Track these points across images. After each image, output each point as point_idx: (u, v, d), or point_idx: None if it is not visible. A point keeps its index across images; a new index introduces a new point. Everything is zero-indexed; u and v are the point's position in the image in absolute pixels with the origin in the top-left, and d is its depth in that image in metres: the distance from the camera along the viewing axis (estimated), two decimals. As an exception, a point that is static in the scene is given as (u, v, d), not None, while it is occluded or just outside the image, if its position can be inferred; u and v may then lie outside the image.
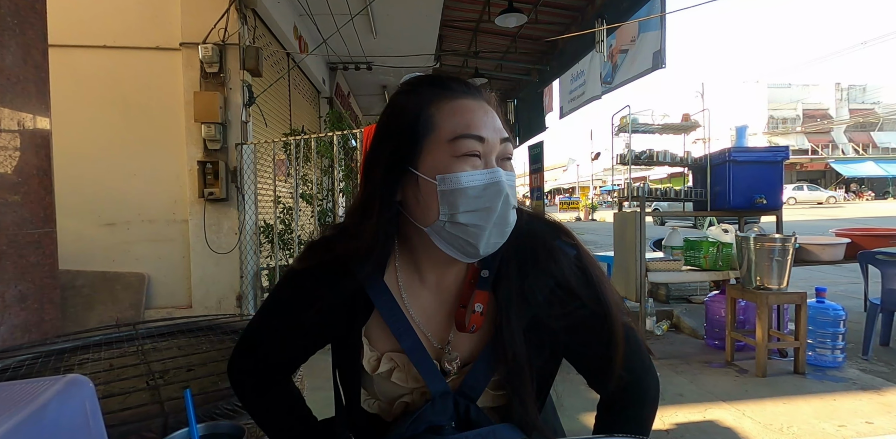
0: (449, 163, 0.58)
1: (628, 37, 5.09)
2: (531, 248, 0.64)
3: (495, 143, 0.59)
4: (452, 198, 0.57)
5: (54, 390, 0.41)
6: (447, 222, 0.58)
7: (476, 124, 0.58)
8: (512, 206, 0.60)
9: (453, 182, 0.57)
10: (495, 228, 0.59)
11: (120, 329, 1.55)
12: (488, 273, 0.64)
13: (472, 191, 0.57)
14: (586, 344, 0.64)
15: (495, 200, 0.57)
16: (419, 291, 0.66)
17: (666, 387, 2.52)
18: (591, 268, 0.65)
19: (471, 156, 0.58)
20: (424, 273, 0.66)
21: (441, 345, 0.65)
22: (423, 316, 0.66)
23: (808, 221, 13.65)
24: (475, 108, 0.60)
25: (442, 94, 0.60)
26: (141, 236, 3.57)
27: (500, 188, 0.58)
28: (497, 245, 0.61)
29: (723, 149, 3.09)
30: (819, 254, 3.24)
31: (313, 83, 6.01)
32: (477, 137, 0.58)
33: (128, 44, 3.53)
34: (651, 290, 4.10)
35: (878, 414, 2.15)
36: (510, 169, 0.61)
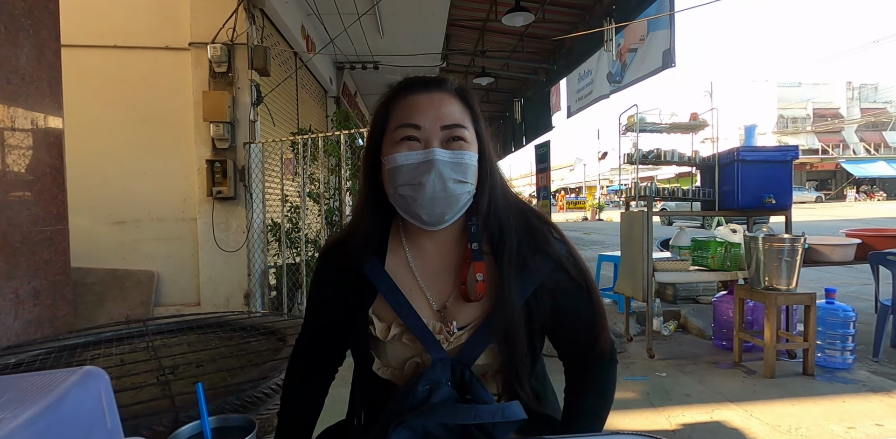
0: (392, 147, 0.71)
1: (637, 35, 5.06)
2: (528, 232, 0.76)
3: (434, 128, 0.70)
4: (393, 174, 0.71)
5: (72, 381, 0.42)
6: (395, 194, 0.72)
7: (415, 114, 0.71)
8: (451, 180, 0.69)
9: (392, 161, 0.70)
10: (434, 200, 0.69)
11: (130, 325, 1.57)
12: (477, 245, 0.74)
13: (406, 167, 0.69)
14: (576, 315, 0.77)
15: (426, 176, 0.68)
16: (422, 258, 0.77)
17: (673, 388, 2.51)
18: (578, 256, 0.79)
19: (409, 140, 0.70)
20: (422, 242, 0.78)
21: (440, 309, 0.74)
22: (426, 278, 0.76)
23: (818, 221, 13.51)
24: (422, 101, 0.72)
25: (400, 93, 0.74)
26: (150, 234, 3.60)
27: (432, 165, 0.68)
28: (446, 214, 0.71)
29: (731, 148, 3.06)
30: (829, 255, 3.21)
31: (320, 82, 6.03)
32: (413, 125, 0.70)
33: (138, 44, 3.57)
34: (658, 290, 4.08)
35: (888, 417, 2.13)
36: (458, 148, 0.71)
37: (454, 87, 0.75)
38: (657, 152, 3.14)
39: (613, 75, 5.72)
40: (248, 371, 1.14)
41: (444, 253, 0.77)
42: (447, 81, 0.75)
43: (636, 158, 3.10)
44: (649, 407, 2.30)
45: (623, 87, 5.65)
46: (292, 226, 3.84)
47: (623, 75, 5.56)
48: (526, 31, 6.38)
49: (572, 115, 7.45)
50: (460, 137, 0.72)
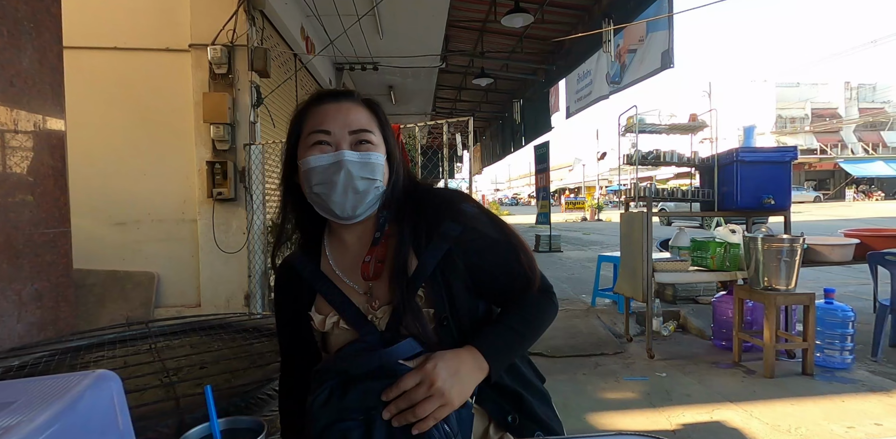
0: (306, 152, 0.79)
1: (636, 36, 5.07)
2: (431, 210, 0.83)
3: (343, 134, 0.79)
4: (308, 176, 0.78)
5: (86, 384, 0.42)
6: (311, 194, 0.80)
7: (325, 121, 0.79)
8: (359, 178, 0.78)
9: (306, 164, 0.78)
10: (344, 196, 0.78)
11: (133, 327, 1.57)
12: (380, 234, 0.83)
13: (319, 168, 0.77)
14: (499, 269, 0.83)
15: (336, 175, 0.77)
16: (343, 253, 0.86)
17: (673, 388, 2.52)
18: (491, 215, 0.87)
19: (320, 144, 0.78)
20: (343, 237, 0.86)
21: (365, 292, 0.82)
22: (345, 272, 0.84)
23: (817, 221, 13.54)
24: (331, 110, 0.80)
25: (312, 105, 0.82)
26: (151, 235, 3.60)
27: (341, 165, 0.77)
28: (357, 208, 0.79)
29: (730, 149, 3.07)
30: (828, 255, 3.22)
31: (320, 83, 6.04)
32: (323, 131, 0.79)
33: (138, 45, 3.57)
34: (658, 291, 4.09)
35: (887, 416, 2.14)
36: (365, 150, 0.79)
37: (360, 96, 0.85)
38: (656, 153, 3.15)
39: (612, 76, 5.72)
40: (251, 372, 1.15)
41: (360, 243, 0.85)
42: (354, 92, 0.85)
43: (635, 159, 3.11)
44: (649, 407, 2.30)
45: (622, 88, 5.66)
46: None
47: (622, 76, 5.57)
48: (525, 32, 6.39)
49: (571, 116, 7.46)
50: (367, 140, 0.80)
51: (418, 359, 0.72)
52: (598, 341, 3.33)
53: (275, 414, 1.07)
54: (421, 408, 0.66)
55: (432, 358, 0.71)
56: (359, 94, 0.85)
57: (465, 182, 13.25)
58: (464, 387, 0.71)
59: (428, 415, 0.66)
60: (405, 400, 0.66)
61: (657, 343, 3.25)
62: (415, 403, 0.66)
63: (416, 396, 0.66)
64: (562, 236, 9.93)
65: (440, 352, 0.73)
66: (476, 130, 14.06)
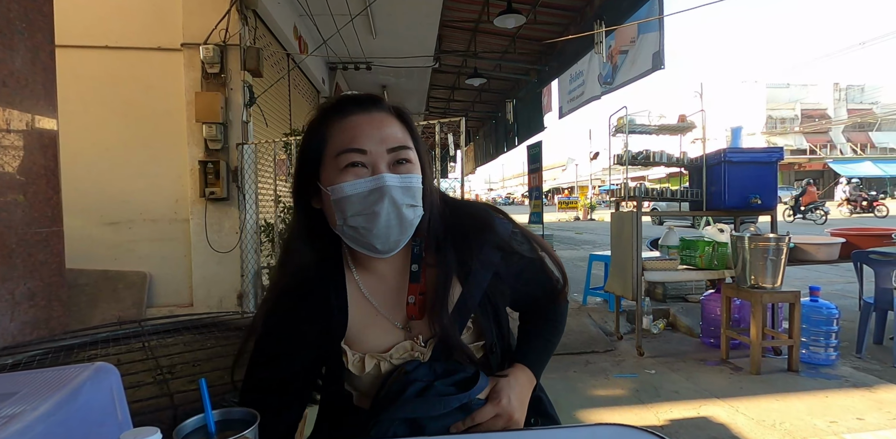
0: (335, 175, 0.66)
1: (628, 38, 5.11)
2: (462, 230, 0.76)
3: (380, 151, 0.67)
4: (341, 205, 0.66)
5: (85, 376, 0.44)
6: (344, 226, 0.68)
7: (358, 138, 0.66)
8: (405, 206, 0.67)
9: (339, 191, 0.66)
10: (388, 228, 0.67)
11: (126, 326, 1.58)
12: (417, 267, 0.74)
13: (356, 197, 0.65)
14: (533, 286, 0.84)
15: (379, 204, 0.65)
16: (374, 281, 0.76)
17: (662, 384, 2.56)
18: (525, 231, 0.84)
19: (354, 166, 0.66)
20: (371, 266, 0.76)
21: (403, 326, 0.75)
22: (383, 304, 0.75)
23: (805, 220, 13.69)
24: (362, 123, 0.68)
25: (335, 115, 0.69)
26: (143, 235, 3.60)
27: (383, 192, 0.65)
28: (400, 241, 0.69)
29: (718, 149, 3.12)
30: (814, 254, 3.28)
31: (313, 83, 6.04)
32: (358, 150, 0.66)
33: (130, 44, 3.56)
34: (648, 289, 4.14)
35: (869, 411, 2.19)
36: (406, 171, 0.68)
37: (389, 104, 0.72)
38: (646, 153, 3.19)
39: (604, 77, 5.77)
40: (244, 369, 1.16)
41: (396, 273, 0.76)
42: (382, 100, 0.73)
43: (626, 159, 3.15)
44: (638, 403, 2.34)
45: (614, 89, 5.71)
46: (286, 226, 3.85)
47: (614, 77, 5.62)
48: (518, 32, 6.42)
49: (564, 116, 7.50)
50: (407, 160, 0.69)
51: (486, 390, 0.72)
52: (588, 339, 3.37)
53: (267, 410, 1.09)
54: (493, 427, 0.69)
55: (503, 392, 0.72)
56: (387, 102, 0.73)
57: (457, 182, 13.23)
58: (525, 409, 0.75)
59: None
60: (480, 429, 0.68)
61: (647, 341, 3.29)
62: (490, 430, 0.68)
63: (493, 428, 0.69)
64: (554, 235, 9.97)
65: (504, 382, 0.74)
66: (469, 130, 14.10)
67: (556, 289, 0.86)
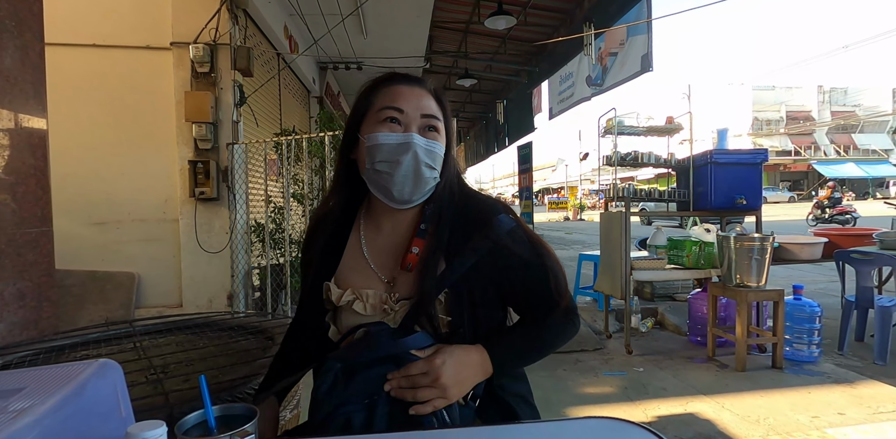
0: (374, 127, 0.79)
1: (617, 40, 5.17)
2: (469, 218, 0.83)
3: (415, 116, 0.79)
4: (372, 152, 0.78)
5: (90, 372, 0.45)
6: (370, 169, 0.79)
7: (399, 100, 0.79)
8: (424, 164, 0.78)
9: (373, 139, 0.78)
10: (406, 179, 0.77)
11: (116, 326, 1.58)
12: (426, 226, 0.83)
13: (386, 146, 0.77)
14: (527, 286, 0.83)
15: (404, 155, 0.76)
16: (375, 236, 0.87)
17: (650, 382, 2.60)
18: (529, 232, 0.86)
19: (391, 122, 0.78)
20: (381, 222, 0.87)
21: (388, 280, 0.83)
22: (374, 255, 0.85)
23: (790, 221, 13.94)
24: (405, 91, 0.80)
25: (384, 83, 0.83)
26: (131, 235, 3.56)
27: (410, 147, 0.77)
28: (413, 194, 0.79)
29: (705, 151, 3.18)
30: (798, 253, 3.35)
31: (303, 83, 6.02)
32: (396, 109, 0.78)
33: (118, 43, 3.53)
34: (637, 289, 4.19)
35: (850, 406, 2.25)
36: (432, 138, 0.80)
37: (431, 86, 0.85)
38: (634, 154, 3.23)
39: (594, 78, 5.83)
40: (238, 368, 1.17)
41: (399, 232, 0.85)
42: (426, 80, 0.85)
43: (614, 160, 3.19)
44: (627, 400, 2.38)
45: (604, 91, 5.77)
46: (276, 226, 3.84)
47: (604, 78, 5.68)
48: (508, 33, 6.46)
49: (554, 117, 7.56)
50: (434, 128, 0.81)
51: (429, 350, 0.73)
52: (578, 338, 3.40)
53: (262, 409, 1.10)
54: (421, 393, 0.68)
55: (442, 353, 0.72)
56: (431, 84, 0.85)
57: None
58: (464, 386, 0.73)
59: (427, 402, 0.68)
60: (407, 381, 0.69)
61: (635, 339, 3.34)
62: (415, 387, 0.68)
63: (417, 382, 0.69)
64: (544, 235, 10.04)
65: (451, 347, 0.73)
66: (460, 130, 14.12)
67: (551, 302, 0.83)
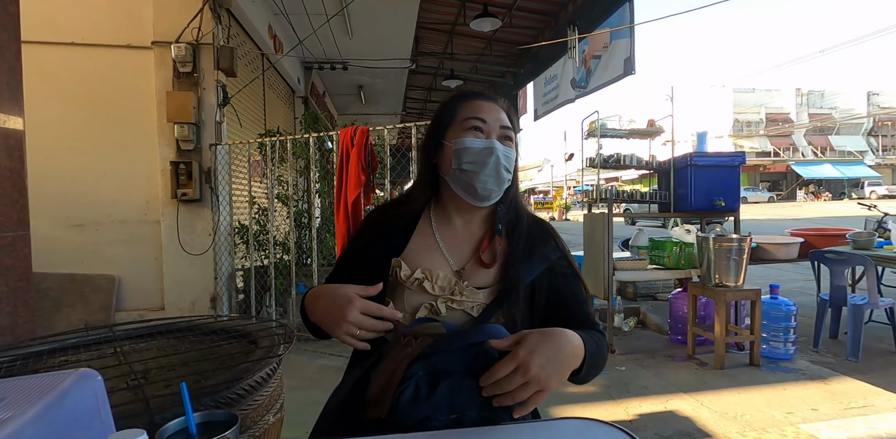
0: (461, 134, 0.89)
1: (601, 43, 5.24)
2: (538, 232, 0.94)
3: (495, 126, 0.90)
4: (460, 154, 0.88)
5: (70, 381, 0.46)
6: (456, 170, 0.88)
7: (482, 112, 0.90)
8: (503, 167, 0.88)
9: (460, 144, 0.88)
10: (489, 177, 0.87)
11: (96, 331, 1.55)
12: (501, 227, 0.93)
13: (473, 149, 0.87)
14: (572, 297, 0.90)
15: (488, 157, 0.87)
16: (448, 230, 0.94)
17: (632, 380, 2.65)
18: (572, 258, 0.96)
19: (475, 130, 0.89)
20: (453, 218, 0.95)
21: (458, 269, 0.90)
22: (448, 245, 0.92)
23: (768, 221, 14.24)
24: (486, 105, 0.91)
25: (467, 97, 0.94)
26: (111, 237, 3.50)
27: (492, 151, 0.87)
28: (494, 192, 0.88)
29: (685, 153, 3.24)
30: (775, 253, 3.44)
31: (288, 83, 5.97)
32: (479, 119, 0.89)
33: (98, 41, 3.47)
34: (620, 288, 4.26)
35: (823, 402, 2.32)
36: (509, 146, 0.91)
37: (504, 105, 0.95)
38: (617, 156, 3.28)
39: (578, 81, 5.89)
40: (221, 373, 1.16)
41: (470, 229, 0.94)
42: (500, 98, 0.96)
43: (597, 162, 3.23)
44: (609, 399, 2.42)
45: (588, 93, 5.83)
46: (260, 228, 3.81)
47: (588, 81, 5.74)
48: (494, 35, 6.49)
49: (539, 118, 7.62)
50: (510, 138, 0.92)
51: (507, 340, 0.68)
52: (562, 338, 3.44)
53: (243, 414, 1.10)
54: (518, 393, 0.63)
55: (524, 343, 0.65)
56: (504, 102, 0.95)
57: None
58: (563, 371, 0.67)
59: (528, 400, 0.64)
60: (499, 387, 0.64)
61: (618, 338, 3.39)
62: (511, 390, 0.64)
63: (510, 385, 0.64)
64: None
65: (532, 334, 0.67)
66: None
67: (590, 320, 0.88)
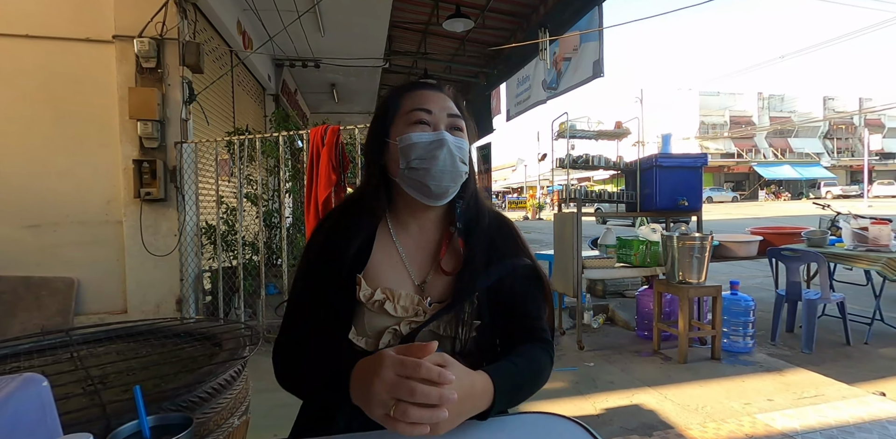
0: (405, 129, 0.80)
1: (571, 46, 5.34)
2: (499, 230, 0.88)
3: (442, 116, 0.82)
4: (407, 152, 0.79)
5: (12, 387, 0.45)
6: (405, 169, 0.79)
7: (426, 102, 0.82)
8: (458, 159, 0.80)
9: (407, 140, 0.79)
10: (442, 173, 0.78)
11: (51, 336, 1.50)
12: (460, 224, 0.85)
13: (420, 145, 0.79)
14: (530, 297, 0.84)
15: (438, 151, 0.78)
16: (406, 236, 0.86)
17: (599, 376, 2.71)
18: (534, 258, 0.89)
19: (421, 123, 0.80)
20: (408, 223, 0.86)
21: (420, 283, 0.83)
22: (409, 255, 0.85)
23: (731, 220, 14.75)
24: (429, 94, 0.83)
25: (408, 88, 0.86)
26: (70, 238, 3.37)
27: (442, 143, 0.79)
28: (450, 188, 0.80)
29: (651, 154, 3.34)
30: (736, 251, 3.58)
31: (258, 80, 5.86)
32: (425, 110, 0.81)
33: (54, 34, 3.32)
34: (590, 286, 4.35)
35: (778, 393, 2.43)
36: (460, 136, 0.83)
37: (451, 93, 0.88)
38: (586, 157, 3.35)
39: (549, 82, 5.99)
40: (182, 377, 1.14)
41: (427, 232, 0.86)
42: (447, 86, 0.89)
43: (567, 163, 3.30)
44: (577, 394, 2.47)
45: (559, 94, 5.93)
46: (228, 228, 3.73)
47: (559, 82, 5.84)
48: (467, 36, 6.52)
49: (512, 119, 7.70)
50: (460, 128, 0.84)
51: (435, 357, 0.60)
52: (533, 335, 3.49)
53: (206, 417, 1.08)
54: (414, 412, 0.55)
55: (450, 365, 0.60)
56: (450, 90, 0.88)
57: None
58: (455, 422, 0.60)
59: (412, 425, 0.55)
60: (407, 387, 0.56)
61: (587, 335, 3.47)
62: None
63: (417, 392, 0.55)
64: (504, 235, 10.19)
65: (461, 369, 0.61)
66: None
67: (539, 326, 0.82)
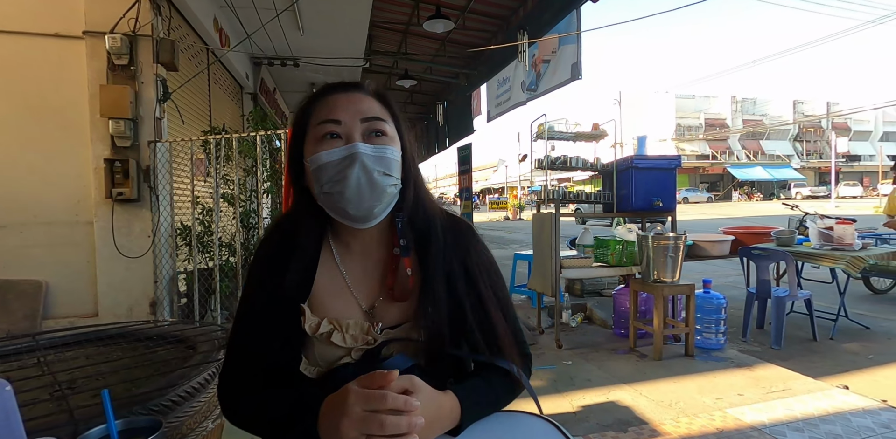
0: (314, 147, 0.70)
1: (550, 48, 5.40)
2: (454, 229, 0.79)
3: (354, 123, 0.70)
4: (318, 174, 0.69)
5: (-28, 392, 0.44)
6: (321, 194, 0.71)
7: (335, 111, 0.71)
8: (376, 172, 0.69)
9: (316, 160, 0.69)
10: (359, 194, 0.68)
11: (17, 340, 1.45)
12: (405, 241, 0.76)
13: (331, 164, 0.68)
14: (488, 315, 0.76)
15: (349, 170, 0.68)
16: (349, 258, 0.77)
17: (577, 374, 2.75)
18: (495, 265, 0.83)
19: (331, 137, 0.70)
20: (350, 243, 0.78)
21: (368, 309, 0.75)
22: (354, 279, 0.76)
23: (706, 220, 15.11)
24: (341, 99, 0.72)
25: (320, 96, 0.74)
26: (37, 240, 3.26)
27: (355, 158, 0.68)
28: (374, 208, 0.70)
29: (627, 156, 3.41)
30: (710, 250, 3.68)
31: (236, 78, 5.76)
32: (333, 121, 0.70)
33: (20, 29, 3.21)
34: (568, 286, 4.41)
35: (748, 387, 2.51)
36: (381, 143, 0.71)
37: (371, 88, 0.77)
38: (564, 158, 3.40)
39: (529, 84, 6.05)
40: (154, 380, 1.12)
41: (370, 252, 0.77)
42: (364, 83, 0.78)
43: (545, 164, 3.34)
44: (555, 392, 2.51)
45: (538, 96, 6.00)
46: (204, 229, 3.66)
47: (538, 84, 5.91)
48: (448, 36, 6.54)
49: (492, 120, 7.75)
50: (381, 131, 0.72)
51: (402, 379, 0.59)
52: (513, 335, 3.52)
53: (178, 421, 1.06)
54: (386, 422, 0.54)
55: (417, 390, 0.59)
56: (370, 85, 0.77)
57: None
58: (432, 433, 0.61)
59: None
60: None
61: (565, 334, 3.51)
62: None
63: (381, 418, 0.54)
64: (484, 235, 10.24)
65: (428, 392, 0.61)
66: (402, 130, 14.04)
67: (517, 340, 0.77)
